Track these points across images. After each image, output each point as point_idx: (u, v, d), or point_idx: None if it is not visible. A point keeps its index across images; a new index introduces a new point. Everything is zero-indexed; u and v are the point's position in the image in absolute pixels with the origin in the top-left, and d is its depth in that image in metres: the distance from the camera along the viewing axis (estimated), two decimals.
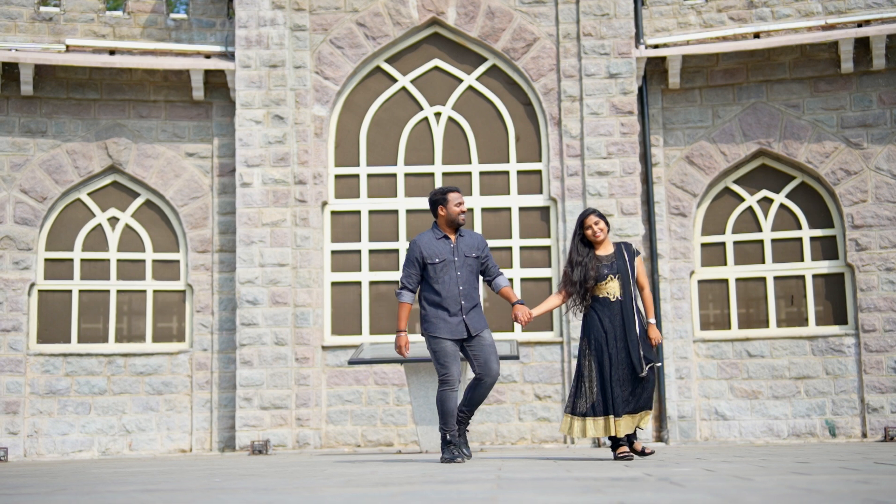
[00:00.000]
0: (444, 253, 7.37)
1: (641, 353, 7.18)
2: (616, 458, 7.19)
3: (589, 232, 7.43)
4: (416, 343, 12.79)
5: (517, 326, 13.09)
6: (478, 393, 7.39)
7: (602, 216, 7.50)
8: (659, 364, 7.39)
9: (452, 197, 7.45)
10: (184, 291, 13.66)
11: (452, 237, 7.44)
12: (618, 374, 7.14)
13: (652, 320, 7.37)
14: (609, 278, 7.33)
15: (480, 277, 7.63)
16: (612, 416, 7.09)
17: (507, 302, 7.61)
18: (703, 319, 13.51)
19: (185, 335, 13.58)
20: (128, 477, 6.16)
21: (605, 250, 7.47)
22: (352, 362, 11.12)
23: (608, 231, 7.50)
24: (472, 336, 7.32)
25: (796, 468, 5.30)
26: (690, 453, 8.57)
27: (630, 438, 7.25)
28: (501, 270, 7.75)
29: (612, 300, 7.30)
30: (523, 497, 3.53)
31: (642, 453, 7.30)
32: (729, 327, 13.42)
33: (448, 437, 7.25)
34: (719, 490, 3.60)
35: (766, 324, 13.36)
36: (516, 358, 11.02)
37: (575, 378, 7.42)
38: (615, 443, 7.23)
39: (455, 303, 7.29)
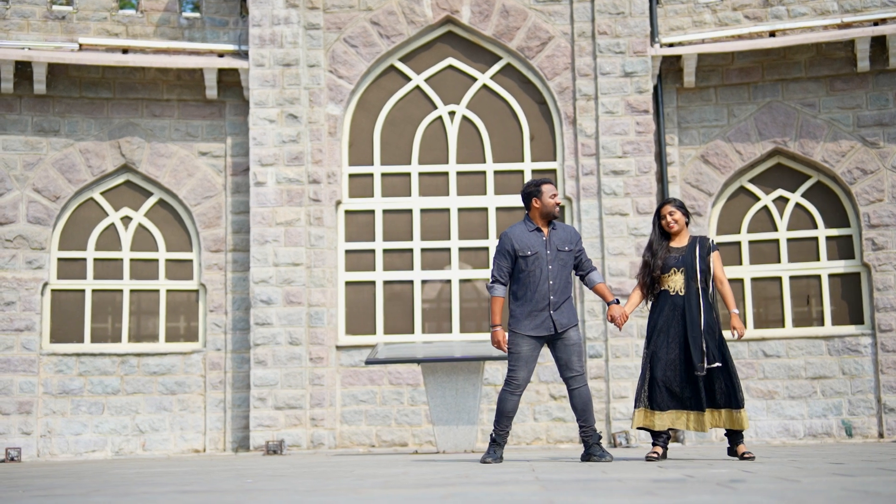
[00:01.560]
0: (535, 245, 7.17)
1: (705, 349, 7.08)
2: (646, 457, 7.10)
3: (663, 222, 7.36)
4: (439, 342, 12.75)
5: None
6: (577, 401, 7.18)
7: (681, 206, 7.38)
8: (718, 364, 7.19)
9: (547, 189, 7.26)
10: (197, 291, 13.61)
11: (545, 230, 7.24)
12: (671, 373, 7.04)
13: (735, 310, 7.21)
14: (672, 271, 7.21)
15: (573, 272, 7.45)
16: (656, 412, 7.02)
17: (603, 300, 7.46)
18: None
19: (198, 335, 13.53)
20: (154, 478, 6.11)
21: (679, 242, 7.34)
22: (368, 362, 11.07)
23: (687, 223, 7.39)
24: (559, 333, 7.13)
25: (834, 469, 5.24)
26: (713, 454, 8.51)
27: (734, 440, 7.12)
28: (596, 267, 7.61)
29: (672, 294, 7.19)
30: (579, 500, 3.48)
31: (741, 456, 7.04)
32: (744, 327, 13.33)
33: (495, 436, 7.19)
34: (777, 492, 3.55)
35: (781, 324, 13.30)
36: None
37: (642, 370, 7.36)
38: (655, 436, 7.14)
39: (544, 298, 7.09)
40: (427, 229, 13.37)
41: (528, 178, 13.41)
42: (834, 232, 13.32)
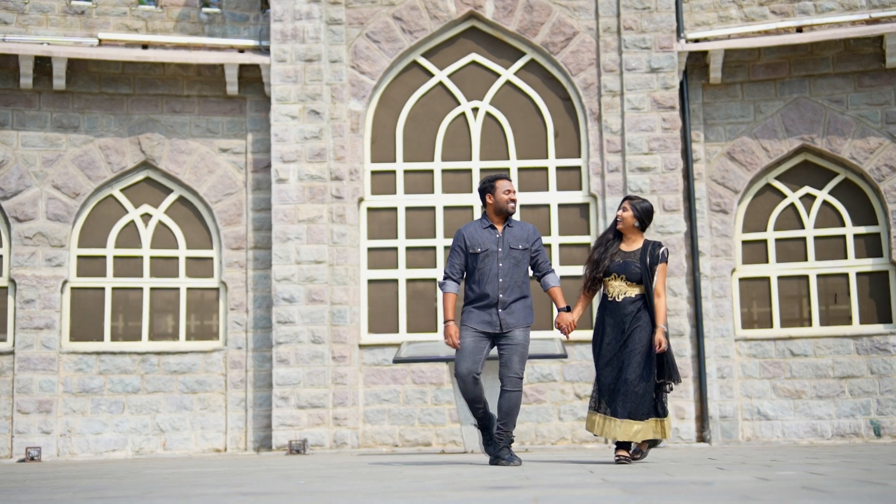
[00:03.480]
0: (487, 243, 7.06)
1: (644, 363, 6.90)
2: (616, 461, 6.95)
3: (617, 214, 7.14)
4: None
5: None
6: (504, 402, 7.05)
7: (636, 207, 7.04)
8: (668, 386, 7.01)
9: (500, 184, 7.13)
10: (217, 289, 13.47)
11: (500, 227, 7.12)
12: (613, 377, 6.86)
13: (662, 325, 6.89)
14: (613, 276, 6.98)
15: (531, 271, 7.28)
16: (611, 418, 6.84)
17: (555, 305, 7.27)
18: (744, 318, 13.30)
19: (218, 333, 13.39)
20: (196, 478, 5.97)
21: (631, 246, 7.06)
22: (396, 361, 10.94)
23: (640, 226, 7.04)
24: (504, 332, 7.01)
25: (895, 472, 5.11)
26: (751, 455, 8.37)
27: (622, 445, 6.95)
28: (553, 267, 7.42)
29: (610, 299, 6.99)
30: (662, 501, 3.34)
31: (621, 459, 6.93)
32: (771, 326, 13.21)
33: (476, 424, 7.24)
34: (872, 496, 3.40)
35: (809, 322, 13.15)
36: (564, 356, 10.84)
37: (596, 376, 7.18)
38: (617, 444, 7.01)
39: (493, 295, 6.97)
40: (450, 227, 13.22)
41: (552, 175, 13.27)
42: (862, 230, 13.17)
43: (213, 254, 13.51)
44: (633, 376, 6.84)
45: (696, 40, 13.29)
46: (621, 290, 6.96)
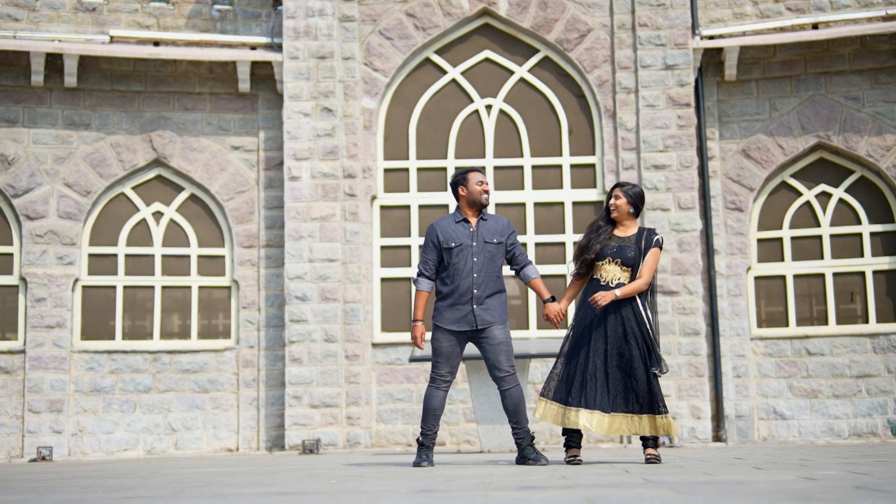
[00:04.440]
0: (461, 237, 6.87)
1: (653, 352, 6.77)
2: (566, 460, 6.81)
3: (609, 202, 6.94)
4: None
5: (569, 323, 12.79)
6: (507, 402, 6.92)
7: (632, 195, 6.88)
8: (657, 372, 6.85)
9: (473, 176, 6.98)
10: (229, 287, 13.38)
11: (473, 221, 6.94)
12: (604, 369, 6.67)
13: (618, 293, 6.64)
14: (607, 260, 6.80)
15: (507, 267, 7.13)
16: (597, 411, 6.64)
17: (539, 297, 7.09)
18: (760, 316, 13.21)
19: (230, 332, 13.31)
20: (218, 478, 5.88)
21: (625, 232, 6.89)
22: (413, 360, 10.84)
23: (634, 212, 6.89)
24: (481, 330, 6.85)
25: None
26: (776, 454, 8.28)
27: (646, 443, 6.82)
28: (531, 259, 7.26)
29: (603, 284, 6.77)
30: (722, 502, 3.25)
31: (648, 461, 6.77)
32: (787, 325, 13.12)
33: (421, 438, 6.91)
34: None
35: (825, 321, 13.06)
36: None
37: (557, 362, 6.93)
38: (567, 442, 6.84)
39: (467, 291, 6.80)
40: None
41: (567, 172, 13.18)
42: (878, 228, 13.08)
43: (225, 252, 13.42)
44: (640, 372, 6.72)
45: (712, 37, 13.20)
46: (615, 274, 6.81)
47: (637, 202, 6.93)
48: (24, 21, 13.24)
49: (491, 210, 13.12)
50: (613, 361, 6.73)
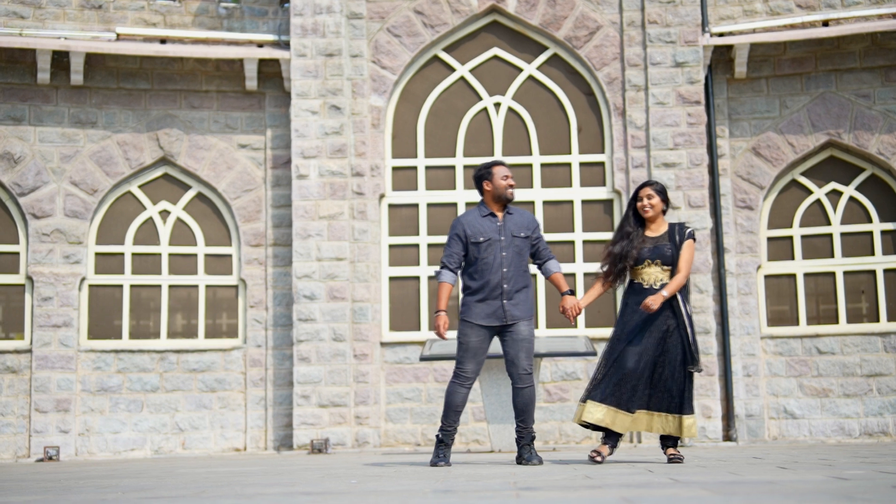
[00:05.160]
0: (489, 231, 6.80)
1: (691, 350, 6.70)
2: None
3: (639, 204, 6.85)
4: None
5: (580, 321, 12.73)
6: (519, 400, 6.85)
7: (661, 191, 6.87)
8: (696, 370, 6.79)
9: (498, 170, 6.89)
10: (236, 286, 13.31)
11: (499, 215, 6.88)
12: (648, 371, 6.61)
13: (665, 293, 6.63)
14: (647, 263, 6.74)
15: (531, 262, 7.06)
16: (640, 412, 6.59)
17: (557, 290, 7.04)
18: (770, 315, 13.13)
19: (238, 331, 13.23)
20: (235, 477, 5.81)
21: (656, 231, 6.84)
22: (423, 358, 10.77)
23: (665, 210, 6.89)
24: (509, 325, 6.78)
25: None
26: (794, 454, 8.21)
27: (666, 442, 6.75)
28: (553, 255, 7.20)
29: (646, 287, 6.73)
30: (764, 502, 3.18)
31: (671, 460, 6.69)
32: (797, 323, 13.04)
33: (441, 436, 6.79)
34: None
35: (835, 320, 12.98)
36: (594, 354, 10.68)
37: (599, 362, 6.89)
38: (609, 436, 6.75)
39: (497, 286, 6.72)
40: None
41: (576, 171, 13.11)
42: (889, 226, 13.01)
43: (232, 251, 13.35)
44: (678, 372, 6.66)
45: (721, 34, 13.13)
46: (657, 276, 6.75)
47: (667, 198, 6.93)
48: (30, 18, 13.17)
49: None
50: (652, 360, 6.66)
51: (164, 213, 13.34)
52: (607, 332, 12.70)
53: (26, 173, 12.90)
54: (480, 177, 6.95)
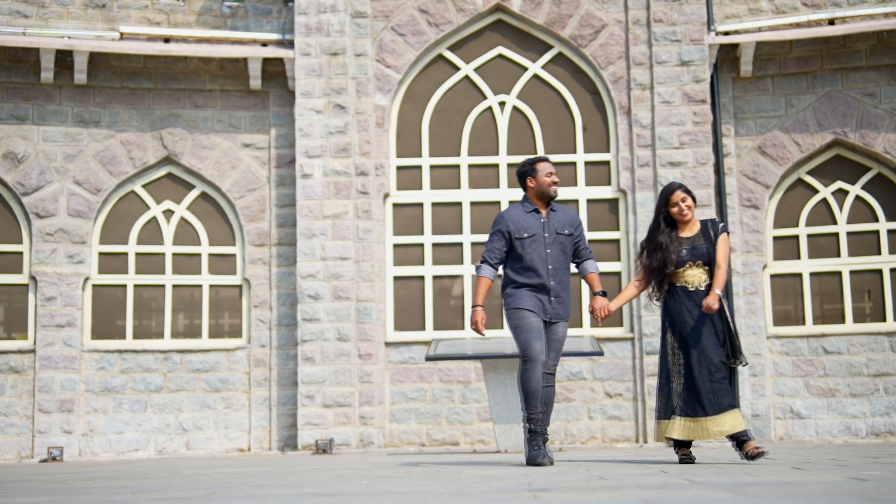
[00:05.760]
0: (533, 227, 6.73)
1: (734, 345, 6.65)
2: (681, 461, 6.60)
3: (675, 210, 6.77)
4: (495, 338, 12.41)
5: (586, 321, 12.68)
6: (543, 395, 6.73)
7: (689, 192, 6.84)
8: (740, 364, 6.72)
9: (542, 167, 6.81)
10: (240, 286, 13.26)
11: (543, 211, 6.81)
12: (706, 372, 6.55)
13: (718, 291, 6.58)
14: (688, 265, 6.69)
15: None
16: (704, 418, 6.53)
17: (590, 290, 6.96)
18: (776, 315, 13.08)
19: (242, 331, 13.18)
20: (244, 478, 5.76)
21: (690, 231, 6.78)
22: (429, 358, 10.73)
23: (695, 208, 6.89)
24: (551, 323, 6.70)
25: None
26: (805, 454, 8.16)
27: (741, 437, 6.66)
28: (593, 255, 7.13)
29: (692, 290, 6.67)
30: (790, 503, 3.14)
31: (751, 456, 6.55)
32: (804, 323, 12.99)
33: (533, 426, 6.54)
34: None
35: (842, 319, 12.93)
36: (600, 354, 10.63)
37: (660, 378, 6.84)
38: (677, 443, 6.64)
39: (544, 283, 6.65)
40: (477, 223, 13.01)
41: (581, 170, 13.06)
42: (895, 225, 12.95)
43: (236, 250, 13.30)
44: (720, 370, 6.57)
45: (727, 33, 13.08)
46: (700, 278, 6.69)
47: (694, 197, 6.91)
48: (34, 18, 13.12)
49: (506, 207, 13.01)
50: (700, 361, 6.59)
51: (168, 213, 13.29)
52: (613, 332, 12.67)
53: (30, 173, 12.86)
54: (524, 173, 6.88)
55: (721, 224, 6.84)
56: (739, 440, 6.59)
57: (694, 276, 6.70)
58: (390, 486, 4.59)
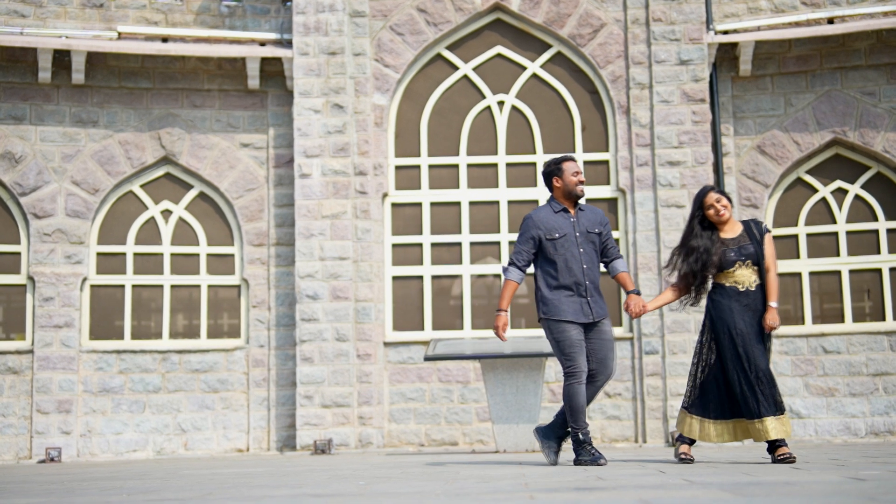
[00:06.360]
0: (564, 227, 6.64)
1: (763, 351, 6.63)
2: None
3: (711, 212, 6.71)
4: (482, 339, 12.38)
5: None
6: (588, 391, 6.69)
7: (724, 192, 6.79)
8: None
9: (568, 166, 6.75)
10: (239, 286, 13.23)
11: (572, 210, 6.73)
12: (754, 374, 6.54)
13: (773, 304, 6.60)
14: (737, 265, 6.65)
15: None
16: (754, 420, 6.47)
17: (623, 289, 6.98)
18: None
19: (240, 331, 13.16)
20: (240, 479, 5.74)
21: (732, 232, 6.73)
22: (428, 358, 10.71)
23: (732, 208, 6.83)
24: (594, 323, 6.63)
25: None
26: (803, 454, 8.13)
27: (777, 443, 6.62)
28: (621, 254, 7.06)
29: (742, 290, 6.62)
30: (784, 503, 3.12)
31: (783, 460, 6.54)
32: (803, 322, 12.97)
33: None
34: None
35: (841, 318, 12.91)
36: None
37: (694, 373, 6.81)
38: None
39: (579, 283, 6.57)
40: (476, 223, 12.99)
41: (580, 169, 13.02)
42: (895, 224, 12.93)
43: (235, 251, 13.28)
44: (766, 372, 6.53)
45: (726, 32, 13.05)
46: (750, 278, 6.63)
47: (731, 199, 6.86)
48: (31, 17, 13.10)
49: (505, 207, 12.99)
50: (746, 363, 6.54)
51: (166, 213, 13.26)
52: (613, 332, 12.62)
53: (27, 173, 12.83)
54: (550, 173, 6.83)
55: (763, 224, 6.81)
56: (775, 444, 6.55)
57: (744, 276, 6.65)
58: (388, 487, 4.57)
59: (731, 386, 6.57)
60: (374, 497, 3.94)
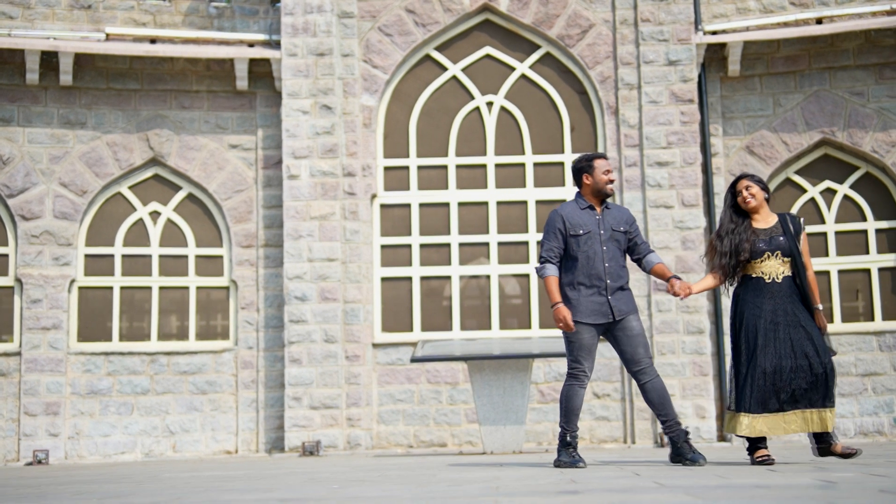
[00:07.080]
0: (589, 224, 6.59)
1: (822, 342, 6.52)
2: (754, 461, 6.48)
3: (739, 199, 6.63)
4: (481, 339, 12.37)
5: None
6: (651, 395, 6.59)
7: (759, 181, 6.68)
8: (834, 353, 6.61)
9: (599, 164, 6.69)
10: (227, 288, 13.21)
11: (598, 208, 6.69)
12: (790, 365, 6.38)
13: (819, 306, 6.52)
14: (766, 255, 6.52)
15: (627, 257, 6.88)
16: (785, 413, 6.39)
17: (662, 278, 6.76)
18: None
19: (229, 333, 13.14)
20: (216, 482, 5.73)
21: (765, 223, 6.62)
22: (414, 360, 10.70)
23: (767, 199, 6.67)
24: (617, 321, 6.56)
25: None
26: (786, 455, 8.12)
27: (827, 439, 6.53)
28: (653, 249, 6.99)
29: (768, 281, 6.51)
30: None
31: (844, 455, 6.46)
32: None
33: (568, 437, 6.48)
34: None
35: (830, 319, 12.88)
36: None
37: (734, 372, 6.69)
38: (753, 445, 6.48)
39: (600, 281, 6.53)
40: (465, 223, 12.98)
41: (569, 170, 13.01)
42: (883, 224, 12.93)
43: (223, 252, 13.26)
44: (827, 358, 6.46)
45: (715, 32, 13.04)
46: (777, 269, 6.52)
47: (766, 187, 6.74)
48: (19, 19, 13.07)
49: (493, 208, 12.98)
50: (788, 356, 6.46)
51: (155, 215, 13.24)
52: None
53: (15, 174, 12.81)
54: (580, 169, 6.76)
55: (800, 220, 6.70)
56: (822, 439, 6.48)
57: (771, 268, 6.55)
58: (359, 491, 4.56)
59: (770, 377, 6.42)
60: (341, 501, 3.93)
